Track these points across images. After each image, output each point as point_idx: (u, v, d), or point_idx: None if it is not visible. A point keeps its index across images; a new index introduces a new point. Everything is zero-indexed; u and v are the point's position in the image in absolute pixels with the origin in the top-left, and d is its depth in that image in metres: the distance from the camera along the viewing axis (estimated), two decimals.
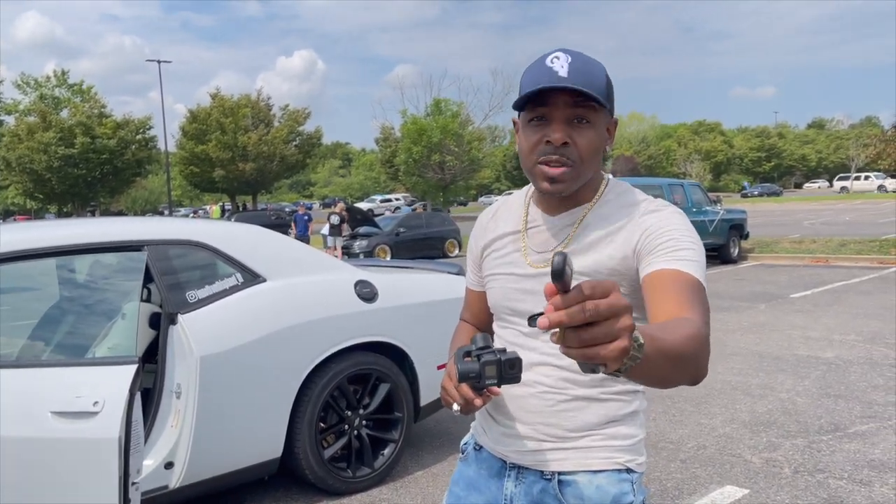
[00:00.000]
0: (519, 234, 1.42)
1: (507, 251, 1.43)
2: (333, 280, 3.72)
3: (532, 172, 1.31)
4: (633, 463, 1.34)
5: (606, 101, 1.27)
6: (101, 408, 2.00)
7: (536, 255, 1.37)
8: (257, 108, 46.65)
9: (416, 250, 18.51)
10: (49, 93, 52.23)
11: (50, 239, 2.97)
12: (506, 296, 1.41)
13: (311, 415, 3.47)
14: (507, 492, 1.39)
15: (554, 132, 1.26)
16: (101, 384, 2.04)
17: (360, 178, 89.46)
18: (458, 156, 34.60)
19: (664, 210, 1.30)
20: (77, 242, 3.01)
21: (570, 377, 1.32)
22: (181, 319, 3.13)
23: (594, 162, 1.30)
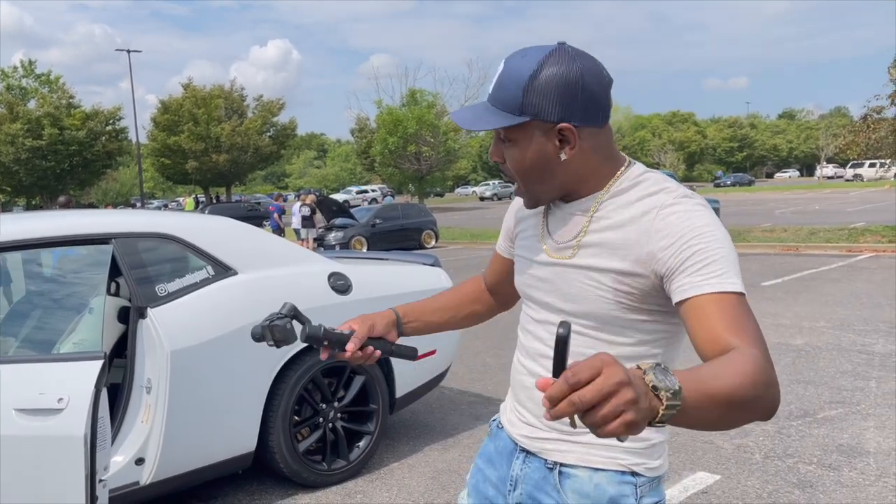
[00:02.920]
0: (539, 216, 1.40)
1: (529, 234, 1.42)
2: (306, 272, 3.68)
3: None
4: (642, 467, 1.28)
5: (528, 112, 1.19)
6: (65, 404, 1.96)
7: (551, 243, 1.34)
8: (231, 99, 46.11)
9: (393, 242, 18.43)
10: (16, 83, 51.00)
11: (14, 232, 2.90)
12: (523, 280, 1.40)
13: (285, 408, 3.45)
14: (514, 473, 1.40)
15: (491, 152, 1.31)
16: (65, 381, 1.99)
17: (335, 169, 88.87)
18: (434, 146, 34.50)
19: (683, 205, 1.18)
20: (42, 236, 2.95)
21: None
22: (151, 313, 3.08)
23: (537, 175, 1.25)
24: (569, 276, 1.29)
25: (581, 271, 1.27)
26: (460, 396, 5.15)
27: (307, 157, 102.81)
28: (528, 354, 1.39)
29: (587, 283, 1.26)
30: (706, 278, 1.10)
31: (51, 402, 1.96)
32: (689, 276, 1.12)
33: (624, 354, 1.25)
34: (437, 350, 4.18)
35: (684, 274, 1.12)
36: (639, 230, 1.20)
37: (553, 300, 1.32)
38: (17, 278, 3.61)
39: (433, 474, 3.76)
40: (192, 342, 3.12)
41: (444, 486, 3.60)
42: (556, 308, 1.32)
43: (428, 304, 1.60)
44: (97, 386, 1.93)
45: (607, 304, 1.24)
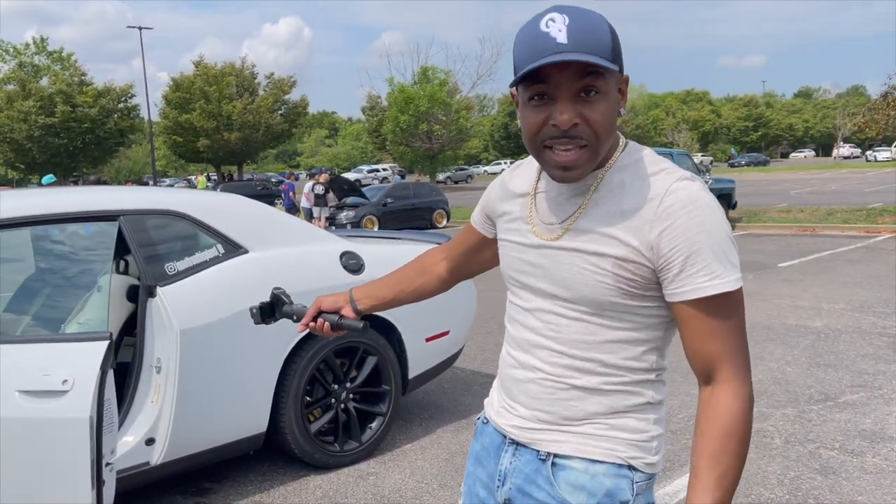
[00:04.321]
0: (528, 197, 1.31)
1: (514, 216, 1.32)
2: (318, 251, 3.61)
3: (540, 158, 1.17)
4: (640, 462, 1.22)
5: (616, 60, 1.12)
6: (70, 386, 1.90)
7: (542, 225, 1.26)
8: (242, 77, 45.88)
9: (404, 221, 18.37)
10: (28, 60, 51.10)
11: (21, 208, 2.84)
12: (510, 265, 1.32)
13: (297, 389, 3.40)
14: (503, 467, 1.31)
15: (561, 114, 1.10)
16: (70, 362, 1.93)
17: (346, 147, 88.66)
18: (446, 125, 34.23)
19: (685, 191, 1.12)
20: (49, 212, 2.88)
21: (571, 364, 1.22)
22: (160, 292, 3.02)
23: (611, 133, 1.15)
24: (563, 260, 1.20)
25: (577, 255, 1.18)
26: (473, 377, 5.09)
27: (318, 135, 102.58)
28: (519, 345, 1.30)
29: (584, 268, 1.17)
30: (703, 276, 1.10)
31: (55, 384, 1.90)
32: (684, 279, 1.11)
33: (622, 339, 1.19)
34: (451, 331, 4.12)
35: (680, 275, 1.11)
36: (643, 217, 1.13)
37: (546, 286, 1.23)
38: (25, 256, 3.56)
39: (446, 456, 3.71)
40: (203, 321, 3.06)
41: (458, 469, 3.55)
42: (549, 294, 1.23)
43: (382, 280, 1.60)
44: (103, 367, 1.87)
45: (606, 289, 1.16)
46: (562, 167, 1.14)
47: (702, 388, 1.18)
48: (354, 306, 1.56)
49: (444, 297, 4.12)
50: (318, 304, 1.56)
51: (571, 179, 1.16)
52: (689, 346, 1.17)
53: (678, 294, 1.13)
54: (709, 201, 1.13)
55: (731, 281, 1.11)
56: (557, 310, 1.22)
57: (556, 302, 1.22)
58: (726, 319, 1.13)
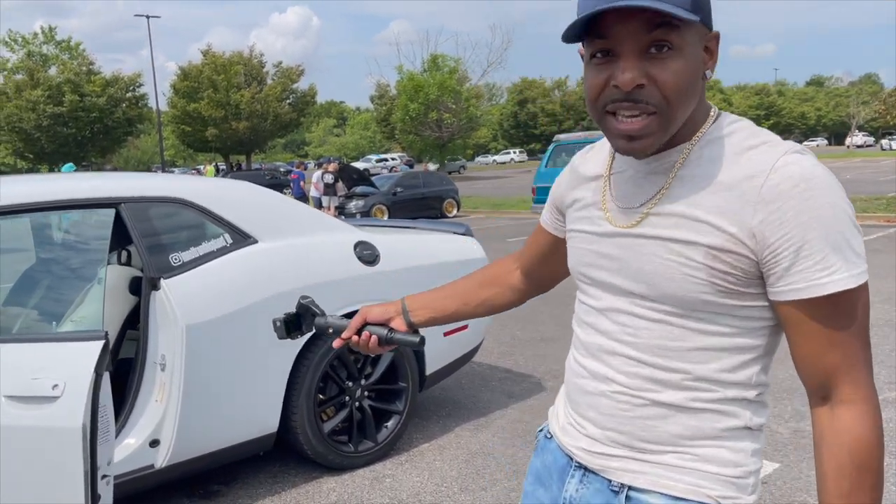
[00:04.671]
0: (601, 180, 1.11)
1: (586, 202, 1.12)
2: (331, 241, 3.42)
3: (603, 126, 0.98)
4: (730, 502, 1.01)
5: (698, 10, 0.92)
6: (61, 391, 1.72)
7: (617, 210, 1.05)
8: (250, 66, 45.66)
9: (414, 210, 18.19)
10: (37, 50, 51.08)
11: (16, 195, 2.65)
12: (580, 259, 1.11)
13: (309, 386, 3.21)
14: (568, 494, 1.12)
15: (622, 72, 0.92)
16: (61, 364, 1.75)
17: (355, 137, 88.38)
18: (456, 113, 33.92)
19: (797, 166, 0.91)
20: (46, 199, 2.70)
21: (652, 375, 1.02)
22: (164, 284, 2.84)
23: (689, 99, 0.95)
24: (643, 250, 1.00)
25: (661, 243, 0.98)
26: (490, 372, 4.90)
27: (327, 125, 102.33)
28: (589, 352, 1.10)
29: (670, 259, 0.97)
30: (819, 276, 0.90)
31: (44, 389, 1.72)
32: (795, 274, 0.91)
33: (715, 346, 0.98)
34: (469, 324, 3.92)
35: (791, 269, 0.91)
36: (742, 198, 0.92)
37: (621, 281, 1.03)
38: (24, 246, 3.39)
39: (466, 457, 3.52)
40: (209, 316, 2.88)
41: (479, 471, 3.36)
42: (626, 291, 1.03)
43: (441, 290, 1.38)
44: (97, 370, 1.69)
45: (698, 285, 0.95)
46: (625, 136, 0.95)
47: (815, 406, 0.97)
48: (408, 318, 1.35)
49: None
50: (362, 315, 1.34)
51: (638, 152, 0.97)
52: (799, 357, 0.97)
53: (787, 292, 0.93)
54: (826, 178, 0.91)
55: (854, 276, 0.90)
56: (636, 310, 1.02)
57: (634, 300, 1.02)
58: (847, 323, 0.93)
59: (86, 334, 1.78)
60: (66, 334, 1.95)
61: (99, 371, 1.69)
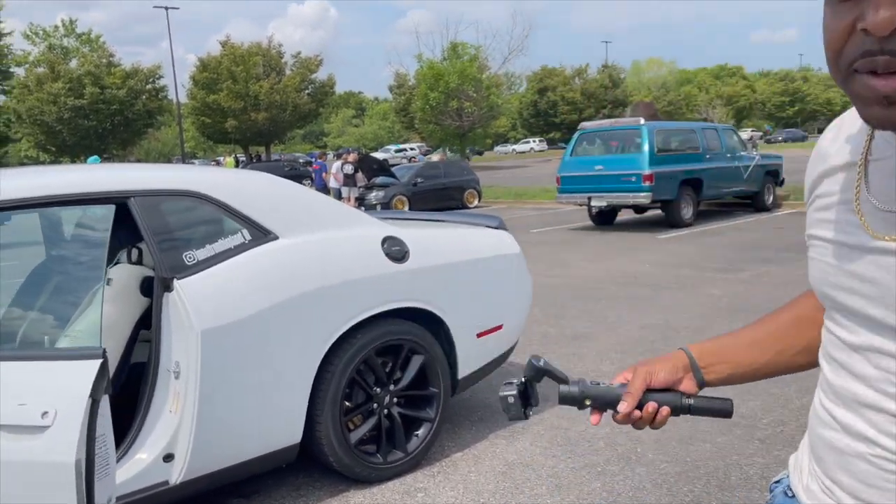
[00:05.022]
0: (854, 168, 0.81)
1: (831, 199, 0.84)
2: (357, 236, 3.17)
3: (847, 87, 0.71)
4: None
5: None
6: (51, 420, 1.48)
7: (875, 215, 0.77)
8: (269, 56, 45.56)
9: (435, 201, 17.93)
10: (57, 43, 51.44)
11: (18, 189, 2.43)
12: (825, 277, 0.84)
13: (335, 394, 2.98)
14: None
15: (875, 11, 0.65)
16: (52, 387, 1.52)
17: (373, 127, 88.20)
18: (477, 101, 33.50)
19: None
20: (50, 193, 2.47)
21: None
22: (177, 285, 2.60)
23: None
24: None
25: None
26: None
27: (346, 115, 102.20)
28: (841, 399, 0.83)
29: None
30: None
31: (33, 417, 1.49)
32: None
33: None
34: (504, 324, 3.67)
35: None
36: None
37: (883, 314, 0.76)
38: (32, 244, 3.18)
39: (503, 468, 3.27)
40: (226, 319, 2.65)
41: (517, 485, 3.11)
42: (891, 327, 0.75)
43: (735, 337, 1.08)
44: (94, 394, 1.45)
45: None
46: (878, 97, 0.67)
47: None
48: (700, 377, 1.05)
49: (497, 285, 3.68)
50: (641, 378, 1.03)
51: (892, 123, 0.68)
52: None
53: None
54: None
55: None
56: None
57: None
58: None
59: (81, 351, 1.54)
60: (59, 351, 1.71)
61: (96, 396, 1.46)
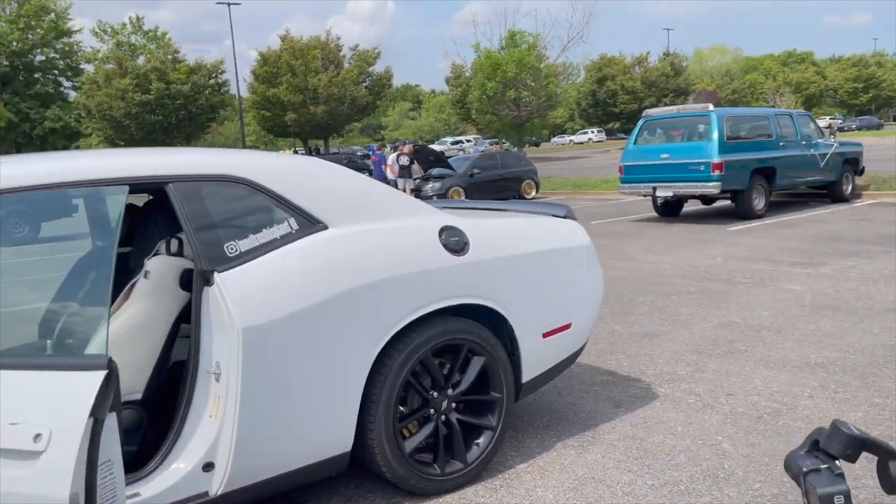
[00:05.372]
0: None
1: None
2: (413, 226, 2.90)
3: None
4: None
5: None
6: (45, 445, 1.26)
7: None
8: (327, 50, 45.91)
9: (492, 192, 17.65)
10: (125, 40, 53.01)
11: (46, 174, 2.25)
12: None
13: (389, 398, 2.72)
14: None
15: None
16: (48, 404, 1.29)
17: (430, 120, 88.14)
18: (535, 91, 32.87)
19: None
20: (80, 178, 2.28)
21: None
22: (218, 279, 2.39)
23: None
24: None
25: None
26: (590, 374, 4.31)
27: (402, 108, 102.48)
28: None
29: None
30: None
31: (23, 440, 1.26)
32: None
33: None
34: (573, 323, 3.35)
35: None
36: None
37: None
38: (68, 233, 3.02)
39: (573, 483, 2.96)
40: (270, 316, 2.42)
41: (590, 502, 2.80)
42: None
43: None
44: (96, 413, 1.22)
45: None
46: None
47: None
48: None
49: (565, 280, 3.36)
50: None
51: None
52: None
53: None
54: None
55: None
56: None
57: None
58: None
59: (82, 361, 1.31)
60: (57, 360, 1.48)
61: (99, 414, 1.23)
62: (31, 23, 48.19)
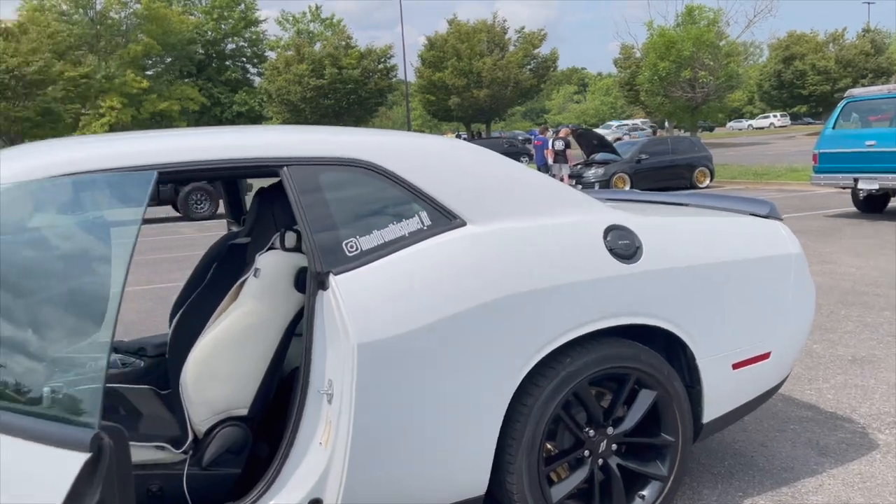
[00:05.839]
0: None
1: None
2: (572, 225, 2.36)
3: None
4: None
5: None
6: None
7: None
8: (493, 33, 45.71)
9: (660, 180, 16.48)
10: (305, 28, 56.08)
11: (142, 154, 1.95)
12: None
13: (533, 434, 2.21)
14: None
15: None
16: (12, 488, 0.91)
17: (595, 103, 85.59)
18: (713, 71, 30.44)
19: None
20: (176, 160, 1.97)
21: None
22: (334, 282, 1.99)
23: None
24: None
25: None
26: (785, 407, 3.53)
27: (567, 92, 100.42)
28: None
29: None
30: None
31: None
32: None
33: None
34: (773, 351, 2.65)
35: None
36: None
37: None
38: None
39: None
40: (391, 331, 1.99)
41: None
42: None
43: None
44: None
45: None
46: None
47: None
48: None
49: (767, 297, 2.64)
50: None
51: None
52: None
53: None
54: None
55: None
56: None
57: None
58: None
59: (64, 434, 0.92)
60: (31, 427, 1.08)
61: None
62: (223, 13, 52.31)
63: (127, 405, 2.39)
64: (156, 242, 11.51)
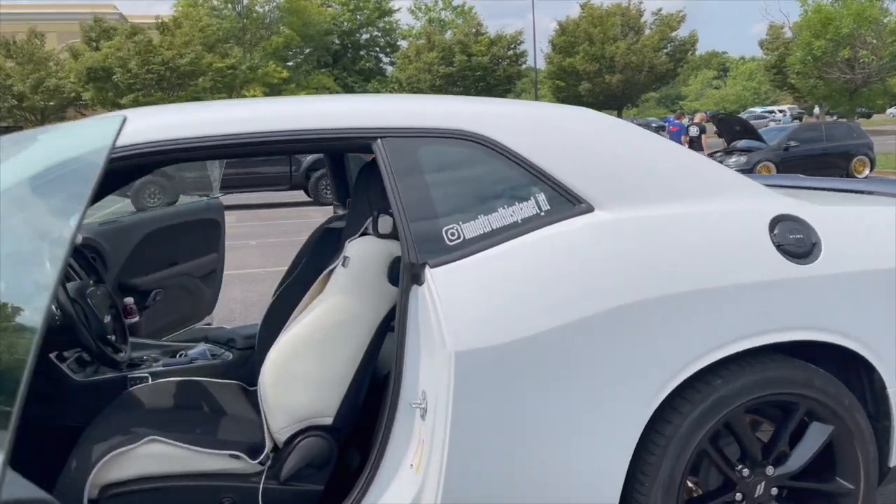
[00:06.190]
0: None
1: None
2: (728, 214, 1.90)
3: None
4: None
5: None
6: None
7: None
8: (627, 16, 44.03)
9: (811, 169, 15.00)
10: (436, 16, 56.60)
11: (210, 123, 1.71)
12: None
13: (671, 471, 1.79)
14: None
15: None
16: None
17: (737, 88, 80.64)
18: (876, 50, 27.58)
19: None
20: (252, 130, 1.71)
21: None
22: (430, 276, 1.66)
23: None
24: None
25: None
26: None
27: (705, 77, 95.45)
28: None
29: None
30: None
31: None
32: None
33: None
34: None
35: None
36: None
37: None
38: None
39: None
40: (497, 338, 1.64)
41: None
42: None
43: None
44: None
45: None
46: None
47: None
48: None
49: None
50: None
51: None
52: None
53: None
54: None
55: None
56: None
57: None
58: None
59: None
60: None
61: None
62: (359, 4, 53.68)
63: (210, 402, 2.19)
64: (287, 226, 11.79)
